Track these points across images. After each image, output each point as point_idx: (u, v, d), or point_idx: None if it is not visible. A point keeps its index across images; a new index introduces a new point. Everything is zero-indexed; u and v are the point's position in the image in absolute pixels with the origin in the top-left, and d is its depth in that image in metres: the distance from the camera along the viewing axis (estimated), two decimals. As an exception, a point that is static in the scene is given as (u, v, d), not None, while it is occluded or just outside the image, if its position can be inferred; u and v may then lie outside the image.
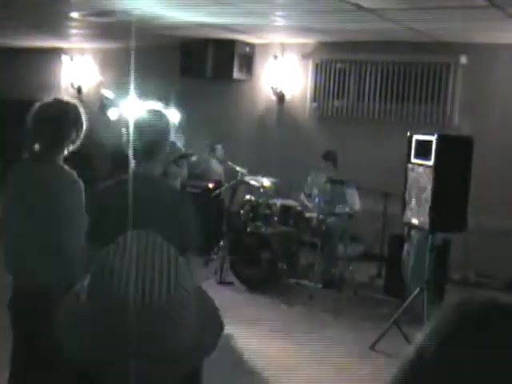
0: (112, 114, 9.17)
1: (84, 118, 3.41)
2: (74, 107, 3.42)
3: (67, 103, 3.43)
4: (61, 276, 3.06)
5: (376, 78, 9.09)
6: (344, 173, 7.89)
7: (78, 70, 11.99)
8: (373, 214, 7.82)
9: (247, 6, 7.06)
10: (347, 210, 7.64)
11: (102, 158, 10.47)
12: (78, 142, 3.41)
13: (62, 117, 3.33)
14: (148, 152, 3.15)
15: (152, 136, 3.16)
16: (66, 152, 3.36)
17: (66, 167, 3.32)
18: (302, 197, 8.24)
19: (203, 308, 1.32)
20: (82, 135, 3.40)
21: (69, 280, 2.93)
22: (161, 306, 1.16)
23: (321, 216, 7.58)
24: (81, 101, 11.51)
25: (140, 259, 1.20)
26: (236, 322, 6.35)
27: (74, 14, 8.42)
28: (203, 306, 1.33)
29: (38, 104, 3.35)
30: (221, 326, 1.39)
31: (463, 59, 8.44)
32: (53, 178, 3.25)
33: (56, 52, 12.04)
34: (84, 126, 3.40)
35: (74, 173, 3.30)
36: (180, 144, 7.86)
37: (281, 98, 9.85)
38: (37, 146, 3.32)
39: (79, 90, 12.03)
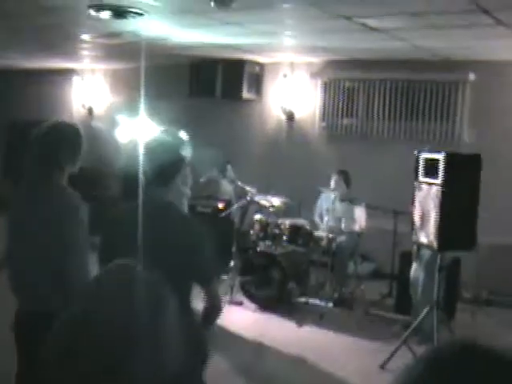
0: (123, 135, 9.26)
1: (83, 139, 3.42)
2: (73, 129, 3.43)
3: (66, 125, 3.45)
4: (62, 301, 3.06)
5: (385, 96, 9.11)
6: (353, 191, 7.91)
7: (89, 90, 12.10)
8: (383, 232, 7.79)
9: (255, 26, 7.11)
10: (356, 228, 7.64)
11: (112, 178, 10.54)
12: (79, 164, 3.42)
13: (60, 139, 3.33)
14: (160, 176, 3.10)
15: (165, 160, 3.10)
16: (66, 174, 3.37)
17: (69, 189, 3.32)
18: (315, 218, 8.25)
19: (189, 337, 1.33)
20: (81, 157, 3.40)
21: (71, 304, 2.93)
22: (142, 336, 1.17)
23: (330, 235, 7.57)
24: (91, 121, 11.57)
25: (114, 295, 1.21)
26: (246, 341, 6.36)
27: (85, 36, 8.52)
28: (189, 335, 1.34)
29: (37, 127, 3.38)
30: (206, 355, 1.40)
31: (471, 76, 8.44)
32: (54, 201, 3.24)
33: (67, 73, 12.16)
34: (83, 148, 3.41)
35: (77, 195, 3.29)
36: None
37: (290, 116, 9.87)
38: (37, 169, 3.34)
39: (90, 111, 12.13)
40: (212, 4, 5.85)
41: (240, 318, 7.10)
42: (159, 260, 2.83)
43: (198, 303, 3.06)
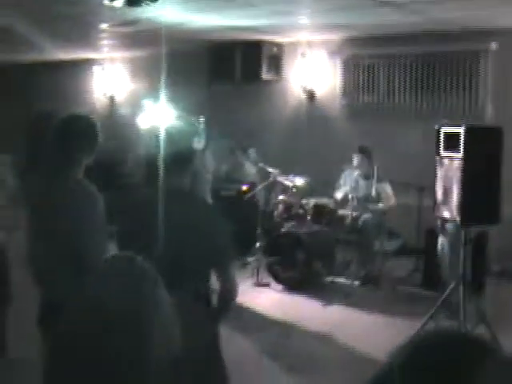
0: (145, 122, 9.30)
1: (99, 131, 3.44)
2: (89, 121, 3.46)
3: (82, 117, 3.48)
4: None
5: (405, 71, 9.02)
6: (378, 167, 7.85)
7: (109, 79, 12.16)
8: (409, 208, 7.75)
9: (271, 7, 7.08)
10: (381, 205, 7.61)
11: (136, 165, 10.61)
12: (94, 155, 3.45)
13: (76, 132, 3.37)
14: (177, 163, 3.13)
15: (180, 147, 3.13)
16: (83, 166, 3.40)
17: (84, 181, 3.36)
18: (337, 194, 8.21)
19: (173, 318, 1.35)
20: (96, 147, 3.43)
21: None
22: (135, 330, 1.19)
23: (355, 213, 7.55)
24: (114, 109, 11.62)
25: (114, 283, 1.24)
26: (274, 323, 6.39)
27: (103, 25, 8.56)
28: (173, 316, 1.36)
29: (53, 120, 3.41)
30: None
31: (493, 46, 8.30)
32: (70, 194, 3.28)
33: (87, 63, 12.22)
34: (99, 139, 3.43)
35: (92, 186, 3.32)
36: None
37: (311, 96, 9.83)
38: (53, 162, 3.38)
39: (112, 99, 12.20)
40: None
41: (267, 299, 7.14)
42: (174, 245, 2.88)
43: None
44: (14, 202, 5.67)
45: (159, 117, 8.44)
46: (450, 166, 5.51)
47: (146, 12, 7.28)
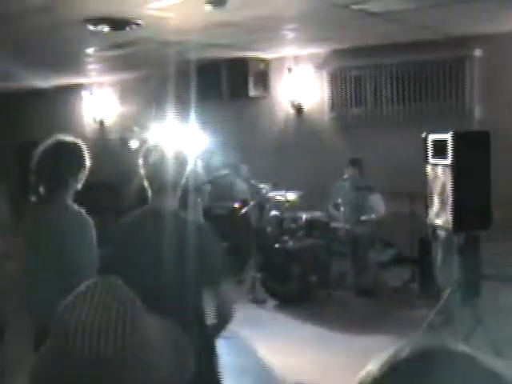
0: (134, 144, 9.31)
1: (86, 155, 3.45)
2: (75, 146, 3.46)
3: (67, 143, 3.47)
4: None
5: (392, 81, 9.05)
6: (368, 178, 7.87)
7: (98, 103, 12.18)
8: (401, 217, 7.74)
9: (255, 22, 7.10)
10: (373, 216, 7.62)
11: (129, 188, 10.59)
12: (83, 180, 3.45)
13: (62, 157, 3.37)
14: (167, 184, 3.10)
15: (171, 168, 3.11)
16: (71, 190, 3.40)
17: (73, 206, 3.35)
18: (330, 208, 8.22)
19: (178, 345, 1.33)
20: (85, 173, 3.43)
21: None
22: (114, 357, 1.16)
23: (348, 225, 7.56)
24: (104, 134, 11.63)
25: (92, 309, 1.21)
26: (269, 337, 6.37)
27: (89, 50, 8.58)
28: (177, 342, 1.33)
29: (39, 146, 3.41)
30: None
31: (478, 52, 8.35)
32: (59, 220, 3.28)
33: (75, 88, 12.24)
34: (87, 164, 3.43)
35: (82, 211, 3.33)
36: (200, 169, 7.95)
37: (299, 110, 9.85)
38: (41, 188, 3.38)
39: (101, 123, 12.22)
40: (207, 7, 5.90)
41: (264, 314, 7.13)
42: (166, 267, 2.87)
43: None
44: (7, 230, 5.67)
45: (149, 138, 8.47)
46: (440, 173, 5.53)
47: (133, 34, 7.31)
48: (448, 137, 5.40)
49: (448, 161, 5.41)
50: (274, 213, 8.09)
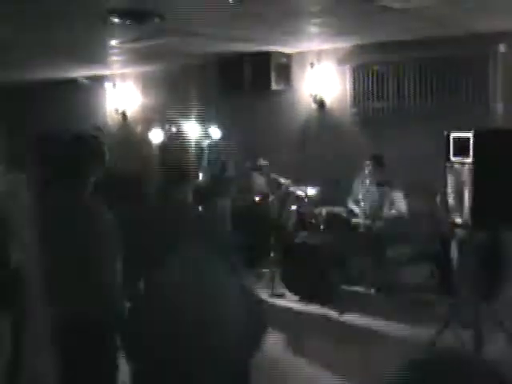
0: (156, 136, 9.34)
1: (106, 146, 3.48)
2: (95, 140, 3.50)
3: (86, 137, 3.51)
4: (99, 302, 3.15)
5: (415, 76, 8.99)
6: (390, 174, 7.84)
7: (121, 95, 12.23)
8: (421, 214, 7.71)
9: (278, 17, 7.10)
10: (394, 212, 7.58)
11: (149, 179, 10.64)
12: (103, 171, 3.48)
13: (82, 148, 3.41)
14: (186, 174, 3.13)
15: (188, 161, 3.14)
16: (90, 181, 3.43)
17: (92, 201, 3.39)
18: (350, 204, 8.21)
19: (249, 309, 1.36)
20: (105, 164, 3.47)
21: (107, 306, 3.03)
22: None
23: (368, 221, 7.53)
24: (126, 125, 11.66)
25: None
26: (289, 332, 6.38)
27: (113, 42, 8.62)
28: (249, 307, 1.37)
29: (60, 136, 3.45)
30: (264, 327, 1.42)
31: (502, 48, 8.26)
32: (78, 215, 3.31)
33: (98, 80, 12.31)
34: (106, 155, 3.47)
35: (99, 203, 3.36)
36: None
37: (321, 105, 9.82)
38: (60, 182, 3.41)
39: (124, 116, 12.27)
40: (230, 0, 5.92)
41: (283, 309, 7.14)
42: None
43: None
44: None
45: (171, 131, 8.50)
46: (461, 171, 5.48)
47: (156, 26, 7.33)
48: (470, 135, 5.35)
49: (469, 159, 5.36)
50: (294, 207, 8.08)
